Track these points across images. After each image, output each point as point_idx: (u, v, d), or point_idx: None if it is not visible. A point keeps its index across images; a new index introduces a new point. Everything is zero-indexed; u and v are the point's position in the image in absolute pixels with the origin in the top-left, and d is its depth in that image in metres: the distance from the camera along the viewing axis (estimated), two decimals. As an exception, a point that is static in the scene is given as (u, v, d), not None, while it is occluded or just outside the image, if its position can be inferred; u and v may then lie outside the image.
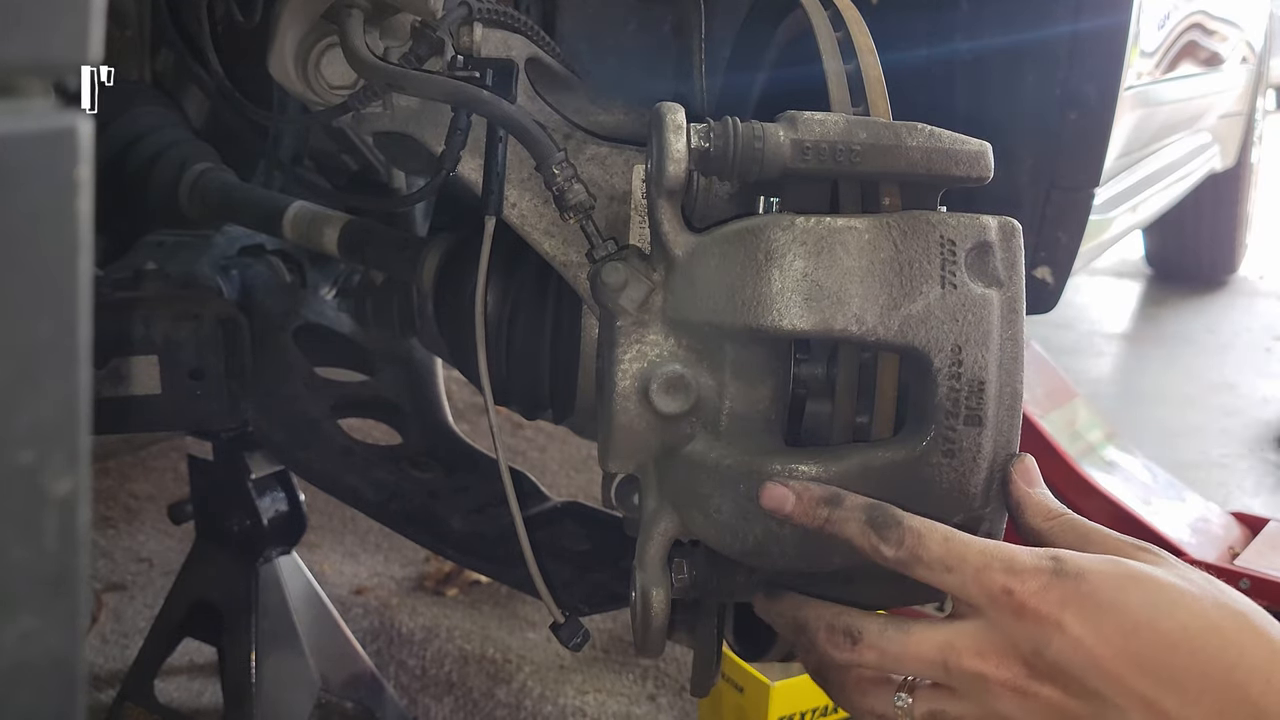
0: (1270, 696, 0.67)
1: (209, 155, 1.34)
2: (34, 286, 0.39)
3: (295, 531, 1.60)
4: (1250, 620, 0.70)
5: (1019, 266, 0.82)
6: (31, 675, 0.41)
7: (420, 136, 1.03)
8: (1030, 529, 0.81)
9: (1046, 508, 0.81)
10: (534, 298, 1.10)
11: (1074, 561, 0.72)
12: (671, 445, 0.87)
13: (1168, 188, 2.62)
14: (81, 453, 0.41)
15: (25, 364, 0.39)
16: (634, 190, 0.94)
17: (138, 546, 2.32)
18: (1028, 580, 0.71)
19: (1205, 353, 4.12)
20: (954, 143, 0.83)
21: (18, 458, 0.39)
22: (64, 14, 0.39)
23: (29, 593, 0.41)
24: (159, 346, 1.28)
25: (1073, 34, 1.16)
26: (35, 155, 0.39)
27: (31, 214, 0.39)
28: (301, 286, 1.45)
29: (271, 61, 1.01)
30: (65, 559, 0.41)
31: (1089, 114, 1.19)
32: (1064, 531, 0.79)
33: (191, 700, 1.80)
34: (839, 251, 0.79)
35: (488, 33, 0.99)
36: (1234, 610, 0.70)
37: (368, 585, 2.23)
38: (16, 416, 0.39)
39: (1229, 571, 1.97)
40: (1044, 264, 1.23)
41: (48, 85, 0.40)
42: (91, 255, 0.41)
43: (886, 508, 0.76)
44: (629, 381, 0.86)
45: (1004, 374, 0.80)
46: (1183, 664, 0.68)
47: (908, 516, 0.76)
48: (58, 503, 0.41)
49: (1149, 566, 0.72)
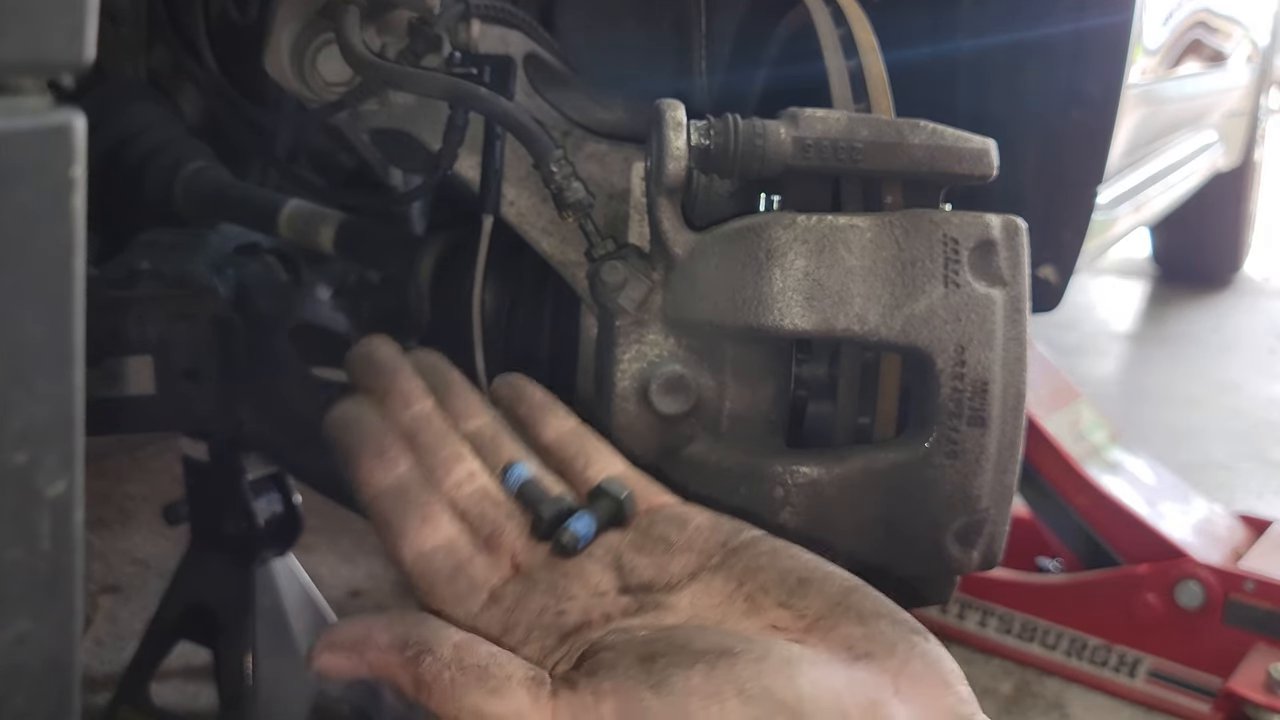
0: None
1: (204, 153, 1.33)
2: (27, 285, 0.39)
3: (291, 533, 1.59)
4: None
5: (1023, 265, 0.81)
6: (26, 678, 0.41)
7: (417, 134, 1.02)
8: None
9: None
10: (532, 297, 1.10)
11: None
12: (671, 446, 0.86)
13: (1172, 186, 2.62)
14: (76, 454, 0.41)
15: (18, 364, 0.39)
16: (633, 188, 0.93)
17: (133, 548, 2.32)
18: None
19: (1210, 353, 4.12)
20: (957, 140, 0.82)
21: (11, 459, 0.39)
22: (58, 11, 0.38)
23: (23, 595, 0.40)
24: (153, 346, 1.27)
25: (1076, 31, 1.15)
26: (29, 153, 0.38)
27: (25, 212, 0.38)
28: (297, 285, 1.44)
29: (267, 58, 1.01)
30: (60, 561, 0.41)
31: (1092, 112, 1.18)
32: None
33: (187, 703, 1.79)
34: (841, 250, 0.78)
35: (485, 29, 0.98)
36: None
37: (364, 588, 2.22)
38: (9, 417, 0.39)
39: (1233, 574, 1.97)
40: (1048, 263, 1.22)
41: (42, 83, 0.39)
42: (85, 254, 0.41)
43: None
44: (628, 382, 0.85)
45: (1007, 374, 0.80)
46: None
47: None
48: (52, 504, 0.40)
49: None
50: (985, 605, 2.14)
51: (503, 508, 0.64)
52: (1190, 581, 1.98)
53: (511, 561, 0.61)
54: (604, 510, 0.62)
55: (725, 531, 0.60)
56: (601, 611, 0.56)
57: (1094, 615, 2.06)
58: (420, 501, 0.63)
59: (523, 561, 0.61)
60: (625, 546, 0.61)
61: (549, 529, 0.61)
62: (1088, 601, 2.08)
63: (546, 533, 0.62)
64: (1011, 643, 2.12)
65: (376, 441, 0.65)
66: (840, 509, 0.80)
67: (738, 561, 0.58)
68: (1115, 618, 2.04)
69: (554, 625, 0.56)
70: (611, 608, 0.57)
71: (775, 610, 0.54)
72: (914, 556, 0.82)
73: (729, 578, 0.57)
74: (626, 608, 0.56)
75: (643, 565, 0.59)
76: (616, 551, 0.60)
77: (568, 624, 0.56)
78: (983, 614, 2.14)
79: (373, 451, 0.65)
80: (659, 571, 0.58)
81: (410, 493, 0.63)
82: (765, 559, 0.57)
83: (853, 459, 0.80)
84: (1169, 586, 2.00)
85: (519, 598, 0.58)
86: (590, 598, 0.58)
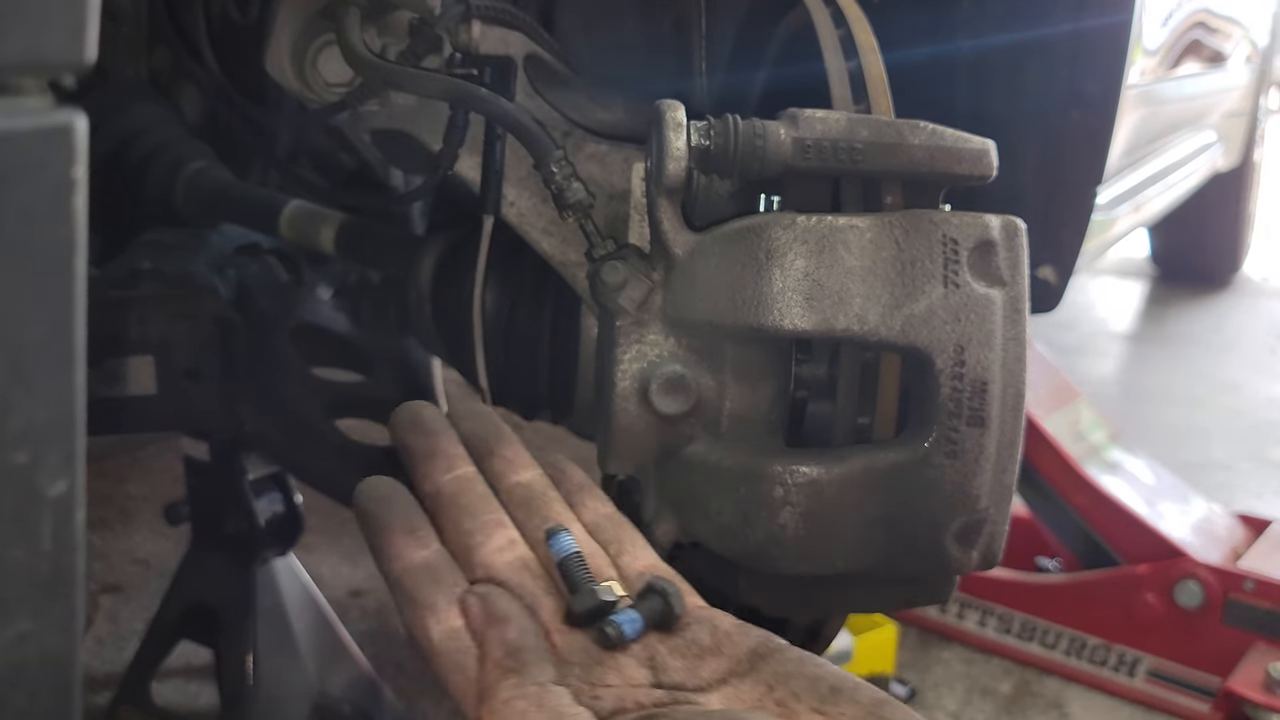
0: None
1: (205, 153, 1.33)
2: (29, 286, 0.39)
3: (292, 533, 1.59)
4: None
5: (1022, 266, 0.81)
6: (27, 677, 0.41)
7: (418, 134, 1.02)
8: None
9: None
10: (532, 297, 1.10)
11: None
12: (671, 446, 0.86)
13: (1171, 187, 2.62)
14: (77, 453, 0.41)
15: (20, 364, 0.39)
16: (633, 189, 0.93)
17: (134, 548, 2.32)
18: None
19: (1210, 353, 4.12)
20: (956, 141, 0.82)
21: (13, 458, 0.39)
22: (60, 11, 0.38)
23: (25, 594, 0.40)
24: (154, 346, 1.27)
25: (1075, 32, 1.15)
26: (30, 153, 0.38)
27: (26, 212, 0.38)
28: (298, 286, 1.45)
29: (268, 59, 1.01)
30: (61, 560, 0.41)
31: (1092, 112, 1.18)
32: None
33: (188, 703, 1.79)
34: (841, 250, 0.78)
35: (486, 30, 0.98)
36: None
37: (365, 587, 2.22)
38: (11, 417, 0.39)
39: (1233, 573, 1.97)
40: (1047, 263, 1.22)
41: (43, 83, 0.39)
42: (86, 254, 0.41)
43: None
44: (628, 382, 0.85)
45: (1007, 374, 0.80)
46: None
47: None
48: (53, 504, 0.40)
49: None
50: (985, 605, 2.14)
51: (540, 581, 0.64)
52: (1189, 581, 1.99)
53: (547, 641, 0.61)
54: (651, 611, 0.61)
55: (754, 638, 0.61)
56: (635, 700, 0.57)
57: (1093, 615, 2.07)
58: (450, 581, 0.62)
59: (558, 644, 0.61)
60: (659, 645, 0.61)
61: (589, 618, 0.61)
62: (1087, 601, 2.08)
63: (585, 620, 0.61)
64: (1011, 642, 2.12)
65: (408, 518, 0.65)
66: (840, 509, 0.80)
67: (766, 667, 0.59)
68: (1115, 617, 2.04)
69: (590, 708, 0.56)
70: (645, 699, 0.57)
71: (810, 715, 0.56)
72: (913, 556, 0.82)
73: (758, 682, 0.58)
74: (660, 701, 0.57)
75: (675, 666, 0.60)
76: (651, 649, 0.61)
77: (603, 709, 0.56)
78: (982, 613, 2.14)
79: (404, 528, 0.64)
80: (690, 674, 0.59)
81: (440, 571, 0.63)
82: (793, 666, 0.59)
83: (852, 459, 0.80)
84: (1168, 586, 2.00)
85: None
86: (625, 688, 0.58)
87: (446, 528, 0.66)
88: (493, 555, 0.64)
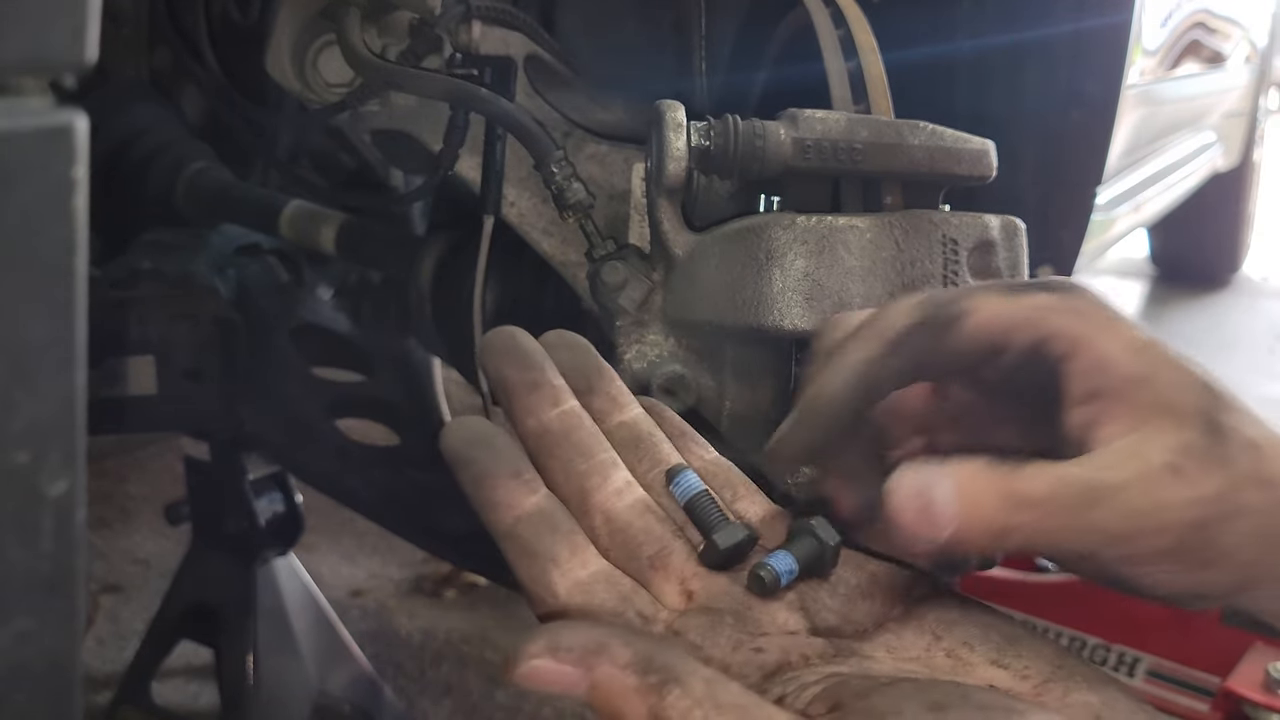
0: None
1: (205, 154, 1.33)
2: (29, 286, 0.39)
3: (292, 533, 1.59)
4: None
5: (1022, 265, 0.81)
6: (27, 677, 0.41)
7: (418, 135, 1.02)
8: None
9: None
10: (532, 297, 1.10)
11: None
12: (671, 446, 0.86)
13: (1171, 187, 2.62)
14: (77, 453, 0.41)
15: (20, 364, 0.39)
16: (633, 189, 0.93)
17: (134, 548, 2.32)
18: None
19: (1209, 353, 4.09)
20: (956, 141, 0.82)
21: (13, 458, 0.39)
22: (60, 12, 0.38)
23: (25, 594, 0.40)
24: (155, 346, 1.27)
25: (1075, 32, 1.15)
26: (30, 154, 0.38)
27: (26, 213, 0.38)
28: (299, 286, 1.45)
29: (269, 59, 1.01)
30: (61, 560, 0.41)
31: (1091, 112, 1.18)
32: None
33: (188, 703, 1.79)
34: (840, 250, 0.78)
35: (486, 30, 0.98)
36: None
37: (365, 587, 2.22)
38: (12, 417, 0.39)
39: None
40: (1046, 263, 1.22)
41: (43, 83, 0.39)
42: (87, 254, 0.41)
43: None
44: (629, 381, 0.85)
45: (1007, 374, 0.80)
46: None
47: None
48: (54, 503, 0.40)
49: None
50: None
51: (668, 524, 0.57)
52: (1189, 581, 1.98)
53: (681, 588, 0.55)
54: (805, 552, 0.55)
55: (904, 580, 0.56)
56: (800, 653, 0.51)
57: (1093, 615, 2.06)
58: (568, 528, 0.56)
59: (696, 590, 0.55)
60: (807, 586, 0.55)
61: (731, 557, 0.55)
62: (1087, 601, 2.08)
63: (727, 561, 0.55)
64: (1011, 642, 2.11)
65: (513, 461, 0.57)
66: (840, 508, 0.80)
67: (927, 613, 0.53)
68: (1114, 617, 2.04)
69: (752, 662, 0.50)
70: (808, 649, 0.51)
71: (989, 668, 0.50)
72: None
73: (921, 630, 0.53)
74: (823, 652, 0.51)
75: (827, 609, 0.54)
76: (800, 590, 0.55)
77: (768, 662, 0.50)
78: (982, 614, 2.14)
79: (510, 472, 0.57)
80: (843, 618, 0.54)
81: (557, 517, 0.56)
82: (956, 613, 0.53)
83: (852, 459, 0.80)
84: (1168, 586, 1.99)
85: (704, 632, 0.52)
86: (783, 636, 0.52)
87: (554, 469, 0.58)
88: (611, 499, 0.57)
